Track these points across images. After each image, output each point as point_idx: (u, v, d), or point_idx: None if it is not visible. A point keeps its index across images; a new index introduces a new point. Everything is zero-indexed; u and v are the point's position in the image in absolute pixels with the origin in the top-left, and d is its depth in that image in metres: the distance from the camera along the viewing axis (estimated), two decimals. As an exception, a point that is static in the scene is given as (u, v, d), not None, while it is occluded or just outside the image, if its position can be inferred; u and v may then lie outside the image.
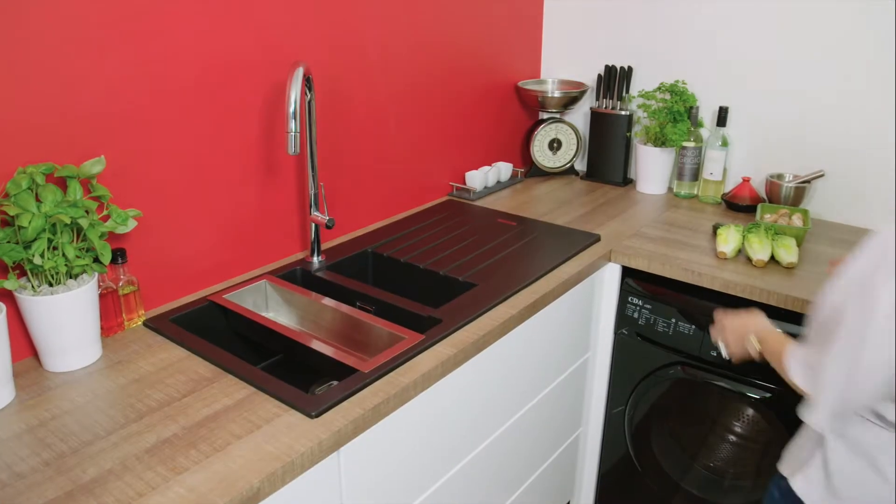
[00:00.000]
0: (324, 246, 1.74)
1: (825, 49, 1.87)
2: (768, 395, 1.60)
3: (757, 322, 1.27)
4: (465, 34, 2.06)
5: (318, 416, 1.11)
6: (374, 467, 1.21)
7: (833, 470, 1.08)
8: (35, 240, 1.14)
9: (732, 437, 1.76)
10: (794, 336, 1.15)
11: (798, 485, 1.14)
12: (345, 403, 1.14)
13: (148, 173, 1.37)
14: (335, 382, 1.36)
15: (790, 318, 1.54)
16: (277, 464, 1.00)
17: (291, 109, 1.38)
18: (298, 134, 1.39)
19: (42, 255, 1.15)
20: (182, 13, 1.35)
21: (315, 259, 1.67)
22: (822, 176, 1.92)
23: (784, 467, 1.19)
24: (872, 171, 1.87)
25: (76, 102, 1.24)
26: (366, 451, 1.18)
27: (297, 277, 1.64)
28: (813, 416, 1.00)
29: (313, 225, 1.64)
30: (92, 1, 1.22)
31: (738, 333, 1.29)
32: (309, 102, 1.53)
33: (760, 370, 1.59)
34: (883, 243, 0.93)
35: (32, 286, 1.18)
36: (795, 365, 1.05)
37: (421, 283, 1.66)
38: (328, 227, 1.58)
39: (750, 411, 1.77)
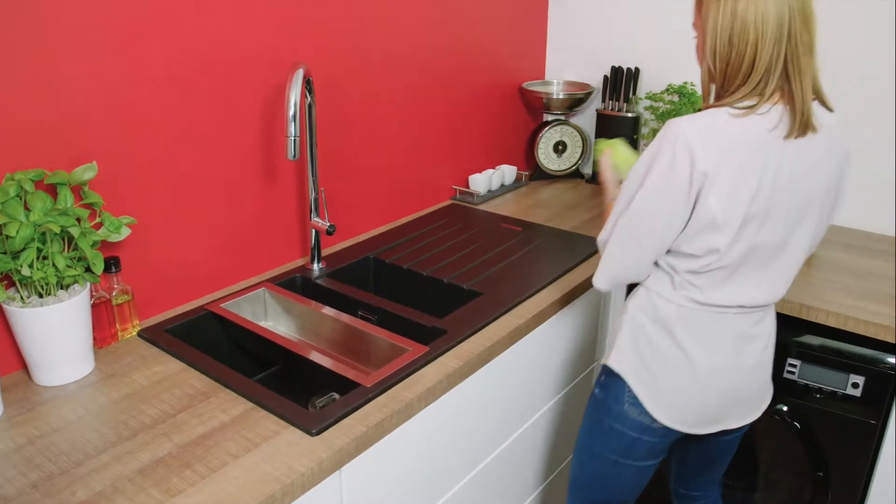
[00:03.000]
0: (324, 252, 1.70)
1: (834, 50, 1.83)
2: (783, 407, 1.56)
3: (612, 189, 1.38)
4: (468, 35, 2.02)
5: (318, 433, 1.06)
6: (376, 487, 1.17)
7: (640, 341, 1.24)
8: (23, 250, 1.10)
9: (740, 447, 1.72)
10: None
11: (612, 362, 1.28)
12: (346, 420, 1.10)
13: (142, 179, 1.33)
14: (336, 395, 1.31)
15: (803, 326, 1.50)
16: (276, 485, 0.96)
17: (291, 113, 1.34)
18: (298, 138, 1.35)
19: (31, 266, 1.10)
20: (178, 13, 1.31)
21: (315, 266, 1.62)
22: (834, 180, 1.87)
23: (605, 358, 1.32)
24: (885, 175, 1.82)
25: (67, 106, 1.19)
26: (368, 471, 1.13)
27: (296, 285, 1.59)
28: (596, 279, 1.24)
29: (313, 231, 1.59)
30: (84, 1, 1.17)
31: (606, 184, 1.41)
32: (309, 105, 1.49)
33: (776, 383, 1.55)
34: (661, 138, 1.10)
35: (21, 297, 1.14)
36: (598, 243, 1.25)
37: (424, 291, 1.62)
38: (329, 233, 1.53)
39: (760, 422, 1.72)
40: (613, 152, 1.41)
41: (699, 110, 1.14)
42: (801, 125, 1.09)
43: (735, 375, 1.23)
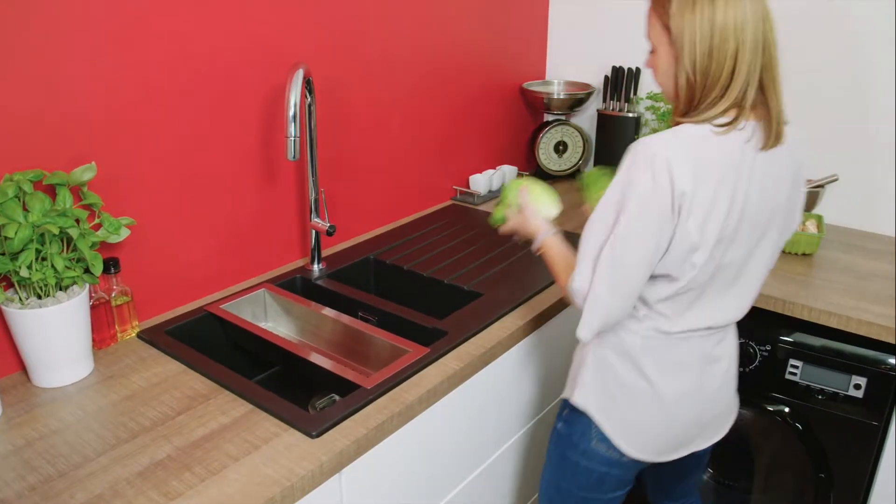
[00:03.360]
0: (324, 253, 1.69)
1: (837, 49, 1.82)
2: (785, 408, 1.55)
3: (536, 228, 1.30)
4: (468, 34, 2.01)
5: (318, 435, 1.06)
6: (377, 490, 1.16)
7: (605, 375, 1.19)
8: (22, 251, 1.09)
9: (742, 449, 1.72)
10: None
11: (577, 398, 1.22)
12: (347, 422, 1.09)
13: (142, 180, 1.32)
14: (336, 396, 1.31)
15: (805, 327, 1.50)
16: (276, 488, 0.95)
17: (291, 113, 1.33)
18: (298, 138, 1.34)
19: (29, 267, 1.10)
20: (176, 12, 1.30)
21: (315, 267, 1.62)
22: (835, 180, 1.87)
23: (565, 392, 1.27)
24: (888, 175, 1.82)
25: (66, 106, 1.18)
26: (368, 473, 1.13)
27: (296, 286, 1.59)
28: (582, 330, 1.11)
29: (313, 232, 1.59)
30: (83, 1, 1.16)
31: (528, 228, 1.32)
32: (309, 106, 1.48)
33: (777, 385, 1.54)
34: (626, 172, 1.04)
35: (20, 298, 1.13)
36: (573, 294, 1.12)
37: (424, 291, 1.61)
38: (329, 233, 1.53)
39: (762, 423, 1.72)
40: (529, 190, 1.34)
41: (672, 125, 1.07)
42: (776, 136, 1.06)
43: (701, 399, 1.20)
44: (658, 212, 1.02)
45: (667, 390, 1.16)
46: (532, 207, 1.32)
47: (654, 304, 1.12)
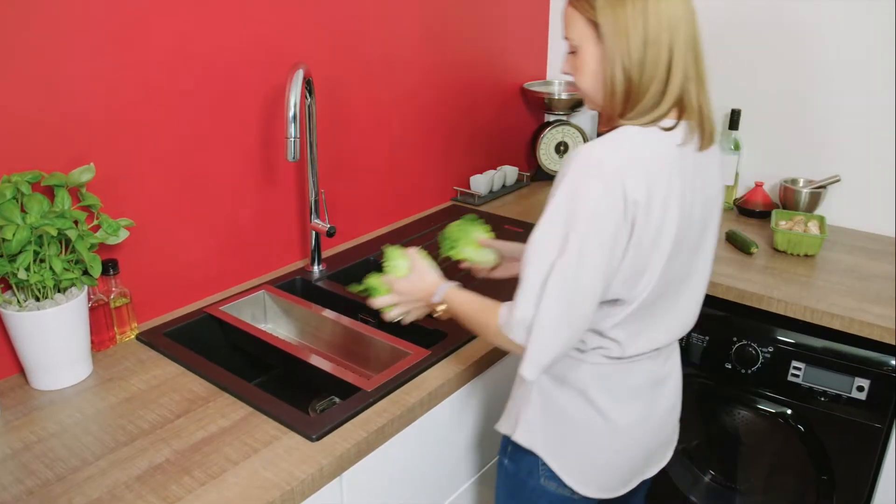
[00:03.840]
0: (324, 254, 1.69)
1: (839, 49, 1.82)
2: (787, 410, 1.54)
3: (433, 282, 1.17)
4: (469, 35, 2.00)
5: (318, 438, 1.05)
6: (377, 493, 1.16)
7: (552, 413, 1.09)
8: (20, 253, 1.08)
9: (744, 451, 1.71)
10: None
11: (521, 437, 1.12)
12: (347, 425, 1.09)
13: (141, 181, 1.31)
14: (337, 399, 1.30)
15: (807, 328, 1.49)
16: (276, 492, 0.95)
17: (291, 113, 1.32)
18: (298, 139, 1.34)
19: (27, 269, 1.09)
20: (176, 12, 1.29)
21: (315, 268, 1.61)
22: (837, 181, 1.86)
23: (504, 428, 1.17)
24: (890, 176, 1.81)
25: (65, 106, 1.18)
26: (369, 476, 1.12)
27: (296, 287, 1.58)
28: (529, 368, 0.97)
29: (314, 233, 1.58)
30: (83, 0, 1.16)
31: (422, 298, 1.17)
32: (309, 106, 1.47)
33: (779, 386, 1.54)
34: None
35: (18, 300, 1.13)
36: (515, 326, 0.98)
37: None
38: (329, 234, 1.52)
39: (764, 425, 1.71)
40: (411, 257, 1.21)
41: (606, 131, 0.99)
42: (709, 136, 1.01)
43: (654, 424, 1.14)
44: (613, 226, 0.92)
45: (620, 420, 1.08)
46: (422, 265, 1.19)
47: (607, 331, 1.03)
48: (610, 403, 1.08)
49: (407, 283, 1.18)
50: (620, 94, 0.96)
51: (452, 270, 1.34)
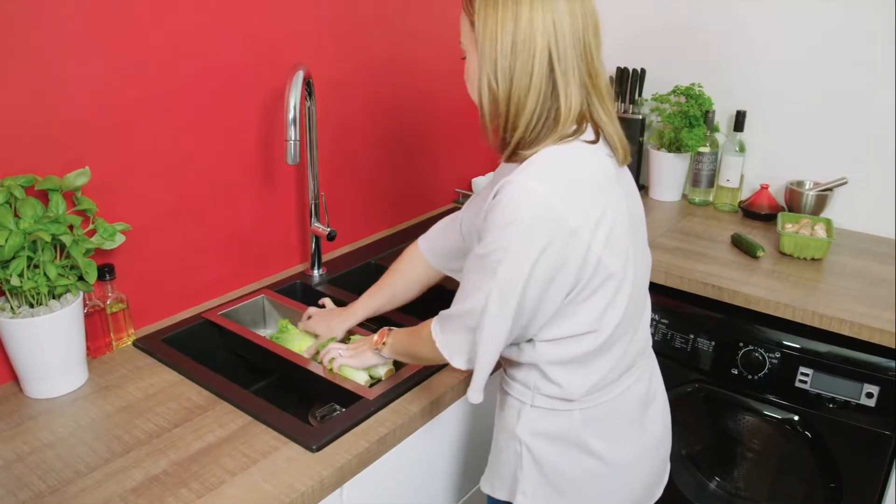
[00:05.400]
0: (325, 258, 1.66)
1: (846, 50, 1.79)
2: (795, 416, 1.52)
3: (376, 333, 1.19)
4: (471, 35, 1.98)
5: (319, 449, 1.03)
6: None
7: (547, 469, 1.02)
8: (13, 259, 1.06)
9: (750, 457, 1.69)
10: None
11: (523, 502, 1.05)
12: (348, 435, 1.06)
13: (137, 184, 1.29)
14: (337, 405, 1.28)
15: (814, 334, 1.47)
16: (275, 505, 0.92)
17: (291, 116, 1.30)
18: (298, 142, 1.31)
19: (21, 276, 1.06)
20: (173, 12, 1.27)
21: (315, 272, 1.58)
22: (844, 183, 1.84)
23: (497, 492, 1.10)
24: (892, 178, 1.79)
25: (59, 108, 1.15)
26: (371, 488, 1.09)
27: (296, 292, 1.55)
28: (475, 394, 0.98)
29: (314, 236, 1.56)
30: (78, 1, 1.13)
31: (363, 347, 1.19)
32: (309, 108, 1.45)
33: (786, 392, 1.51)
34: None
35: (11, 307, 1.10)
36: (454, 354, 0.99)
37: (427, 297, 1.57)
38: (329, 238, 1.50)
39: (771, 431, 1.69)
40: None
41: (513, 159, 0.93)
42: (624, 151, 0.95)
43: (650, 452, 1.10)
44: (545, 256, 0.87)
45: (619, 460, 1.04)
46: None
47: (592, 364, 0.98)
48: (606, 446, 1.03)
49: (349, 352, 1.21)
50: (493, 105, 0.90)
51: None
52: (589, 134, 0.92)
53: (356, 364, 1.20)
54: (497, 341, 0.93)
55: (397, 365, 1.31)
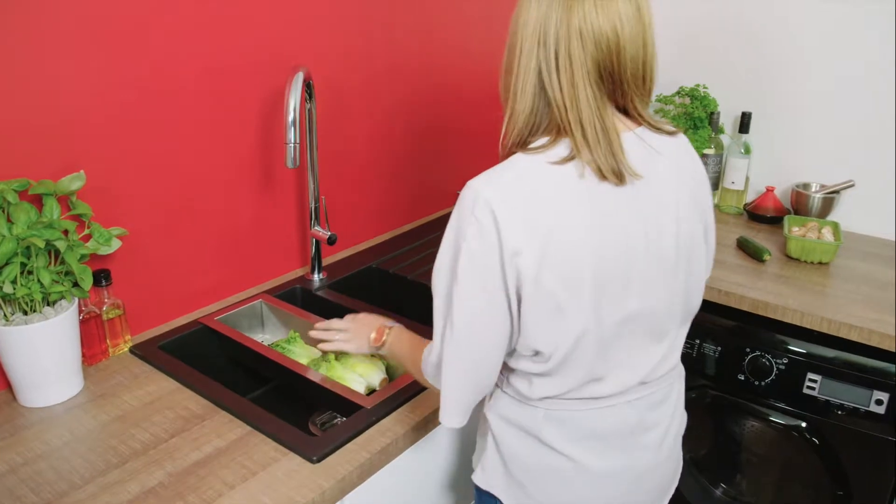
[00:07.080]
0: (325, 262, 1.64)
1: (852, 52, 1.77)
2: (802, 423, 1.50)
3: (384, 324, 1.20)
4: (472, 37, 1.95)
5: (319, 460, 1.00)
6: (381, 514, 1.11)
7: (506, 453, 1.00)
8: (6, 265, 1.03)
9: (757, 464, 1.67)
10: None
11: (479, 477, 1.04)
12: (349, 445, 1.04)
13: (134, 188, 1.26)
14: (338, 415, 1.26)
15: (822, 339, 1.44)
16: (275, 519, 0.90)
17: (290, 118, 1.27)
18: (298, 145, 1.29)
19: (14, 282, 1.04)
20: (171, 13, 1.24)
21: (316, 277, 1.56)
22: (851, 186, 1.82)
23: (474, 460, 1.10)
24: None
25: (54, 110, 1.13)
26: (372, 500, 1.07)
27: (296, 297, 1.53)
28: (445, 417, 0.95)
29: (314, 240, 1.53)
30: (75, 0, 1.11)
31: (363, 332, 1.21)
32: (309, 110, 1.42)
33: (794, 399, 1.49)
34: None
35: (5, 314, 1.08)
36: (431, 371, 0.97)
37: (429, 302, 1.55)
38: (330, 242, 1.47)
39: (778, 438, 1.67)
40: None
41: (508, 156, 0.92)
42: (610, 171, 0.84)
43: (634, 474, 1.00)
44: (491, 270, 0.84)
45: (590, 465, 0.96)
46: (364, 318, 1.24)
47: (547, 384, 0.93)
48: (570, 445, 0.96)
49: (348, 335, 1.22)
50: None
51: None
52: (556, 151, 0.86)
53: (350, 348, 1.22)
54: (453, 355, 0.90)
55: (391, 374, 1.29)
